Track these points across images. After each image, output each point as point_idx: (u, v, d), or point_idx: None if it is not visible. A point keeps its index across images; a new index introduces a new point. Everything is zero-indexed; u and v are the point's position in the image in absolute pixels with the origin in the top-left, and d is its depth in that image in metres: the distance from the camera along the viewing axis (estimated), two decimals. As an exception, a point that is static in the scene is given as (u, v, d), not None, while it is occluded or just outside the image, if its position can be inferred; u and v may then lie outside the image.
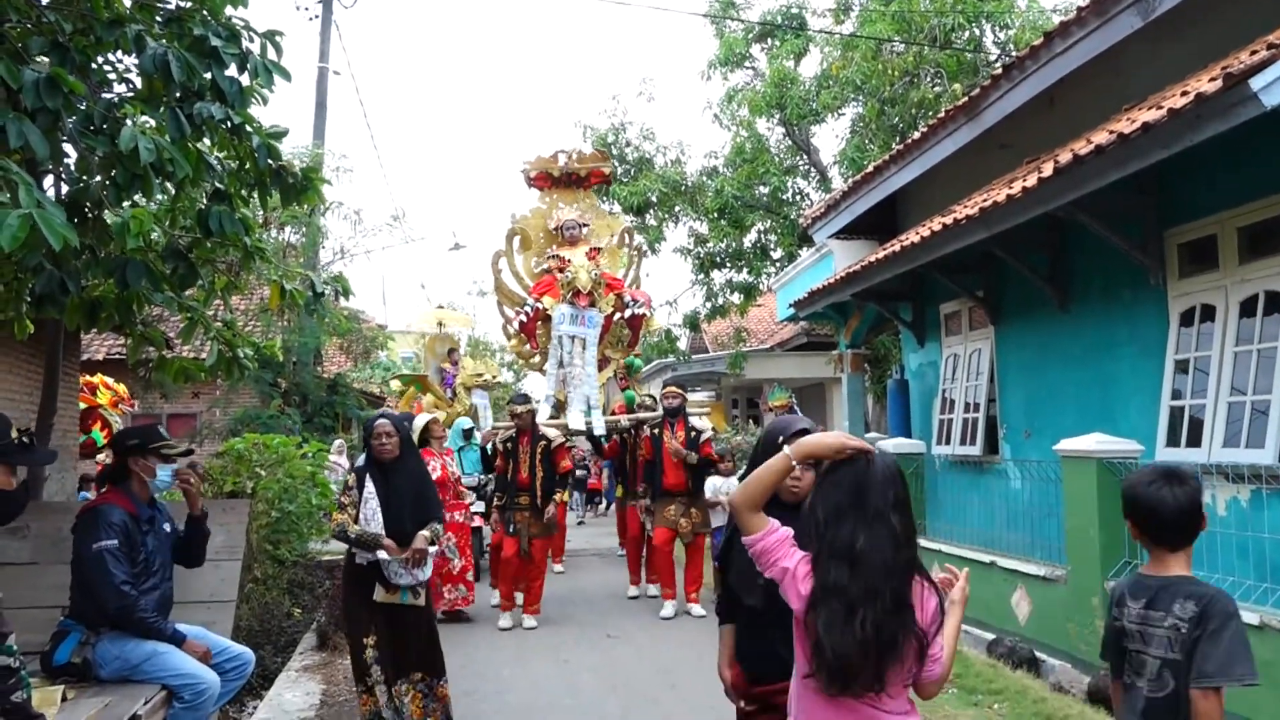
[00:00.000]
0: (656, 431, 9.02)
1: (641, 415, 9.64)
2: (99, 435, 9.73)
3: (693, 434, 8.89)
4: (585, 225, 11.24)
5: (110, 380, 10.99)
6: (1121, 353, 7.34)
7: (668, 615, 8.62)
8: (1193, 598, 2.54)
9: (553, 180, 11.67)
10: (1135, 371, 7.15)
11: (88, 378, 10.86)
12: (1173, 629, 2.54)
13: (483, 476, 10.11)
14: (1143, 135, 5.31)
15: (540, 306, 10.47)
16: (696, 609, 8.72)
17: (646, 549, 9.59)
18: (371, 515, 4.91)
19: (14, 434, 2.99)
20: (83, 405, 9.98)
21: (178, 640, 4.16)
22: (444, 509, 6.76)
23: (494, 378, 12.08)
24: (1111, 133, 5.69)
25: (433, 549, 4.99)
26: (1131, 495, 2.71)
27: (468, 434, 10.96)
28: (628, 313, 10.74)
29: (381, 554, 4.87)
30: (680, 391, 9.19)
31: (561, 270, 10.45)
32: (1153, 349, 6.90)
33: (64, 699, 3.73)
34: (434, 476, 8.22)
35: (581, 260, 10.49)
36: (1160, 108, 5.29)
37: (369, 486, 4.97)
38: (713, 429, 9.34)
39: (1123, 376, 7.33)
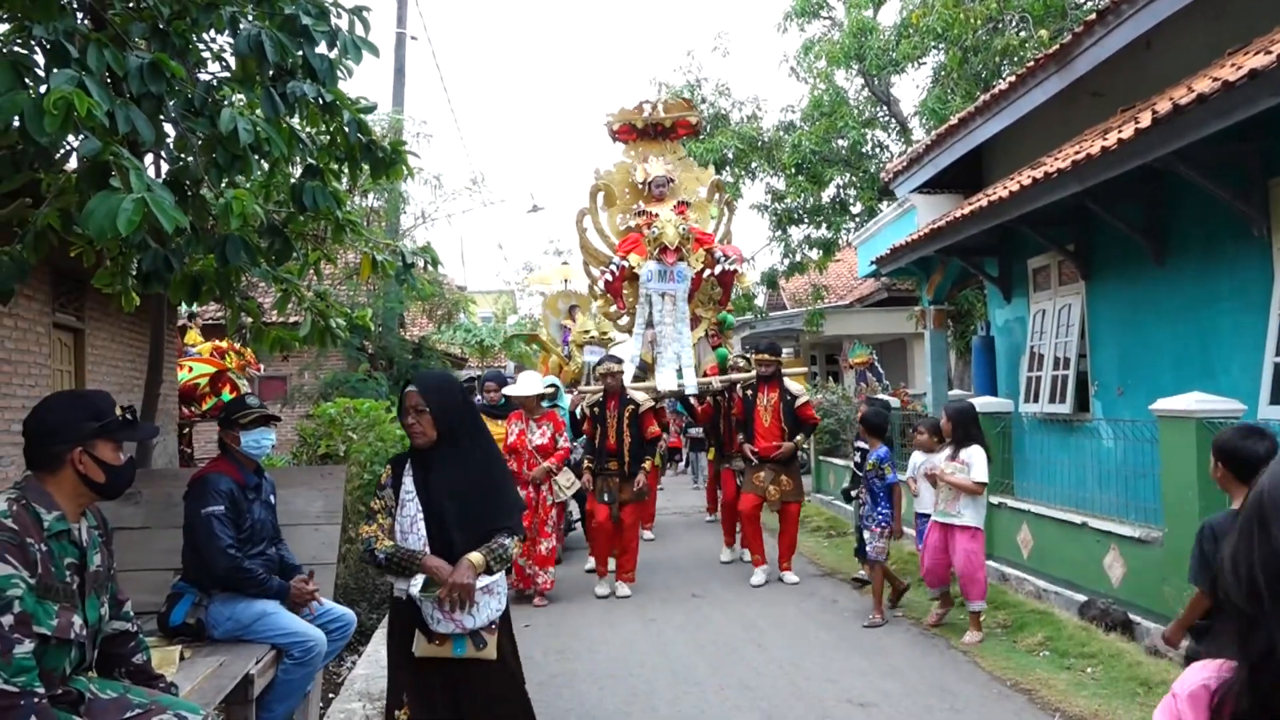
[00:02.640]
0: (750, 393, 8.66)
1: (735, 376, 9.26)
2: (228, 397, 10.07)
3: (787, 398, 8.52)
4: (672, 180, 10.79)
5: (238, 345, 11.39)
6: (1222, 307, 7.09)
7: (758, 582, 8.35)
8: None
9: (637, 132, 11.20)
10: (1236, 327, 6.90)
11: (217, 343, 11.31)
12: None
13: (570, 444, 9.40)
14: (1250, 82, 5.08)
15: (626, 264, 10.10)
16: (790, 576, 8.46)
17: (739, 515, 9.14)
18: (410, 525, 3.49)
19: (117, 410, 3.11)
20: (213, 369, 10.33)
21: (283, 591, 4.33)
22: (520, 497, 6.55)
23: (603, 334, 11.37)
24: (1215, 80, 5.45)
25: (489, 579, 3.43)
26: (1229, 447, 3.63)
27: (554, 394, 10.18)
28: (718, 269, 10.31)
29: (414, 585, 3.37)
30: (771, 358, 8.65)
31: (649, 226, 10.05)
32: (1256, 303, 6.65)
33: (181, 658, 3.92)
34: (509, 441, 7.80)
35: (668, 215, 10.06)
36: (1269, 52, 5.05)
37: (407, 484, 3.53)
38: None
39: (1223, 332, 7.08)
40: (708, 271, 10.30)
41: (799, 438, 8.52)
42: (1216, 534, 3.52)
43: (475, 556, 3.39)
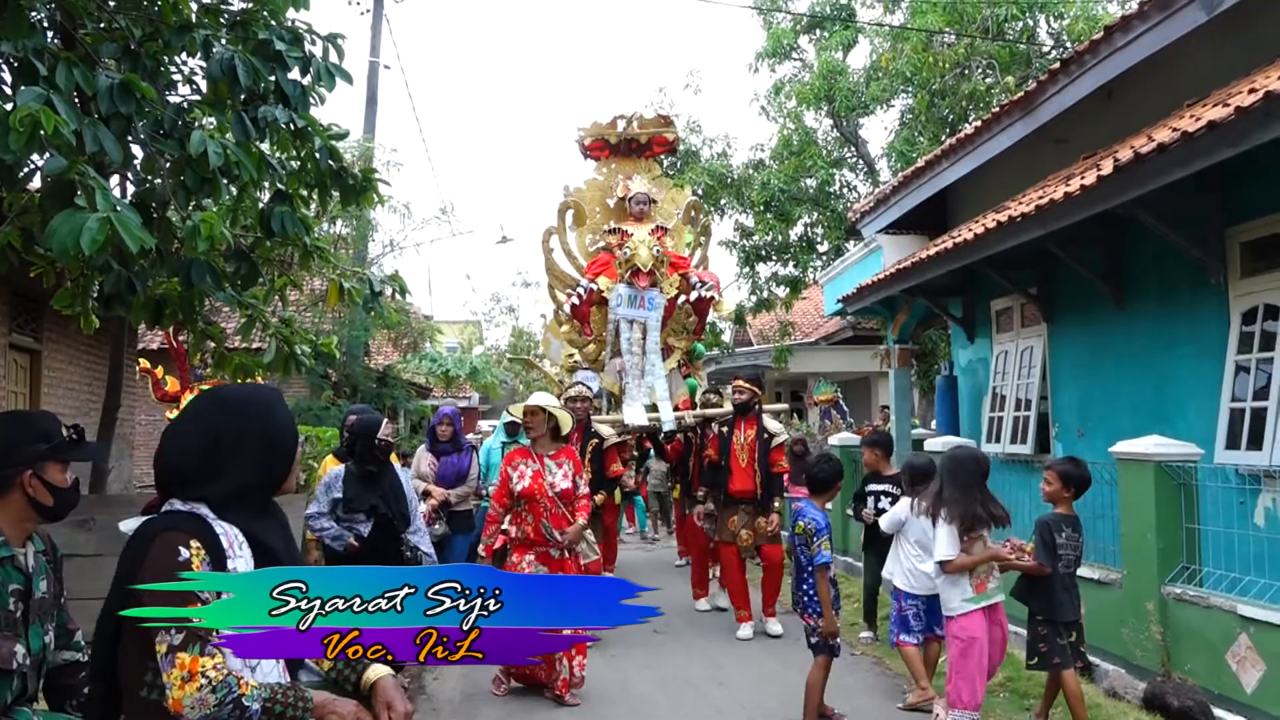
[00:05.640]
0: (725, 430, 8.02)
1: (710, 412, 8.67)
2: None
3: (764, 435, 7.86)
4: (655, 201, 10.11)
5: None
6: (1179, 352, 7.21)
7: (745, 637, 7.73)
8: (1080, 527, 5.27)
9: (610, 148, 10.49)
10: (1194, 372, 7.02)
11: None
12: (1081, 541, 5.22)
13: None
14: (1209, 133, 5.20)
15: (594, 288, 9.36)
16: (774, 625, 7.86)
17: (717, 562, 8.56)
18: None
19: (64, 431, 3.03)
20: None
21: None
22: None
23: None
24: (1175, 130, 5.58)
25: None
26: (1063, 470, 5.29)
27: (513, 428, 8.95)
28: (693, 295, 9.55)
29: None
30: (750, 386, 7.98)
31: (620, 246, 9.31)
32: (1212, 349, 6.77)
33: (131, 689, 3.81)
34: (520, 487, 6.04)
35: (642, 235, 9.33)
36: (1226, 105, 5.17)
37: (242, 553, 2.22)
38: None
39: (1180, 377, 7.20)
40: (682, 298, 9.67)
41: (777, 504, 7.99)
42: (1050, 525, 5.14)
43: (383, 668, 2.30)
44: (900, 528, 6.13)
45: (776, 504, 7.95)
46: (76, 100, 3.27)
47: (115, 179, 4.75)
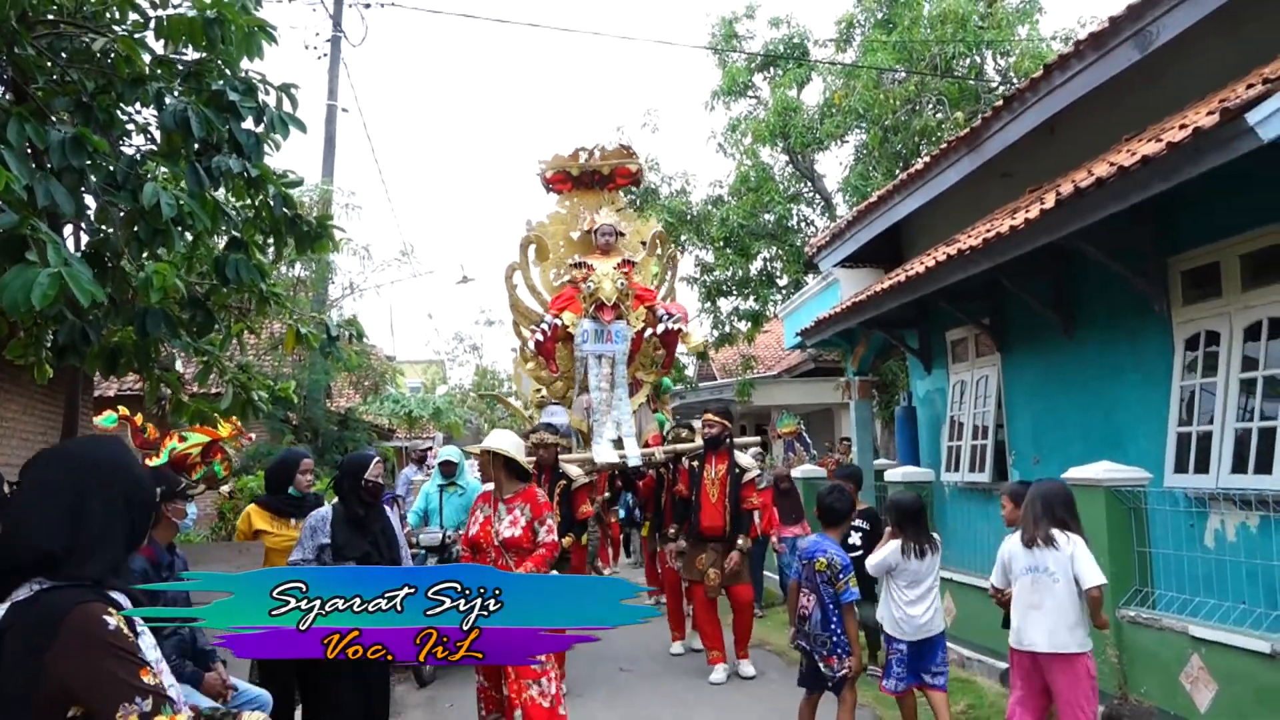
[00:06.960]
0: (696, 465, 7.89)
1: (680, 447, 8.46)
2: (219, 467, 9.56)
3: (735, 471, 7.75)
4: (622, 234, 9.95)
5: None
6: (1127, 379, 7.38)
7: (718, 680, 7.51)
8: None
9: (573, 180, 10.29)
10: (1141, 398, 7.18)
11: None
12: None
13: (451, 533, 7.81)
14: (1142, 168, 5.38)
15: (559, 323, 9.19)
16: (746, 668, 7.72)
17: (690, 601, 8.43)
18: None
19: (5, 488, 3.02)
20: (206, 439, 9.93)
21: (196, 680, 4.21)
22: None
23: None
24: (1111, 164, 5.75)
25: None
26: (1013, 491, 5.46)
27: (449, 469, 8.37)
28: (660, 328, 9.39)
29: None
30: (720, 420, 7.85)
31: (585, 280, 9.19)
32: (1158, 375, 6.93)
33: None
34: (471, 534, 5.82)
35: (606, 269, 9.23)
36: (1159, 140, 5.35)
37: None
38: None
39: (1129, 403, 7.36)
40: (649, 331, 9.43)
41: (740, 541, 7.66)
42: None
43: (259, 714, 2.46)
44: (889, 571, 5.72)
45: (741, 542, 7.66)
46: (29, 153, 3.29)
47: (69, 229, 4.75)
